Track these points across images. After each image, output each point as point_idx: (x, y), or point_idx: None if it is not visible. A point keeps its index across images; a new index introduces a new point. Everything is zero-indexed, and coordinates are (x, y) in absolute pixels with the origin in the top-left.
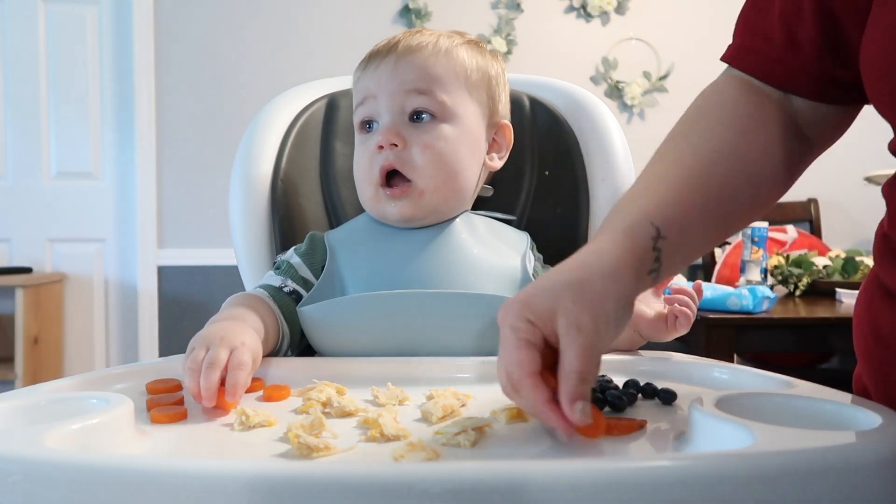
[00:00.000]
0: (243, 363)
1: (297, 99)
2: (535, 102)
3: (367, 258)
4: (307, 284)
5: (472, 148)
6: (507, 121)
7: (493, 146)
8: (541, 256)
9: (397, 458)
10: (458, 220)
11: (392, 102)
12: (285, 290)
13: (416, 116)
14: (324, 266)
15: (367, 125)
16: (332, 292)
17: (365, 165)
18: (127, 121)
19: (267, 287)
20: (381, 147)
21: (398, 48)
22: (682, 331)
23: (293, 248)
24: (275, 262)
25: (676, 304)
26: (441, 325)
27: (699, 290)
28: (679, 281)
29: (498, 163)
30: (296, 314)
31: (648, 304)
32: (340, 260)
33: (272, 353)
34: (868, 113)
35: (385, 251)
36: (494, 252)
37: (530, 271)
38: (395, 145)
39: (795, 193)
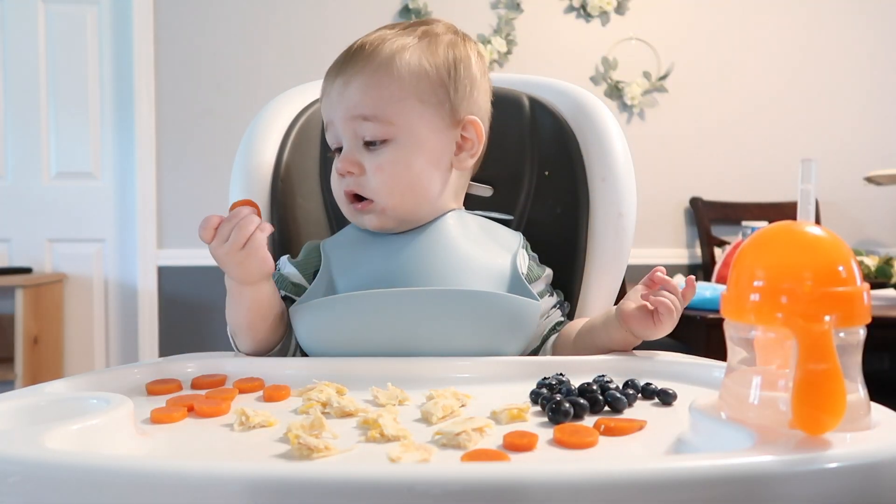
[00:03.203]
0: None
1: (297, 99)
2: (534, 102)
3: (357, 260)
4: (299, 290)
5: (429, 158)
6: (473, 116)
7: (462, 145)
8: (535, 256)
9: (394, 459)
10: (449, 219)
11: (346, 130)
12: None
13: (368, 142)
14: (317, 271)
15: (338, 149)
16: (323, 294)
17: (335, 186)
18: (127, 121)
19: None
20: (342, 174)
21: (343, 68)
22: (667, 322)
23: (286, 256)
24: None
25: (653, 296)
26: (428, 322)
27: (691, 285)
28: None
29: (469, 161)
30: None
31: (637, 304)
32: (333, 264)
33: (280, 347)
34: (868, 113)
35: (375, 252)
36: (485, 250)
37: (523, 270)
38: (352, 173)
39: (795, 193)
